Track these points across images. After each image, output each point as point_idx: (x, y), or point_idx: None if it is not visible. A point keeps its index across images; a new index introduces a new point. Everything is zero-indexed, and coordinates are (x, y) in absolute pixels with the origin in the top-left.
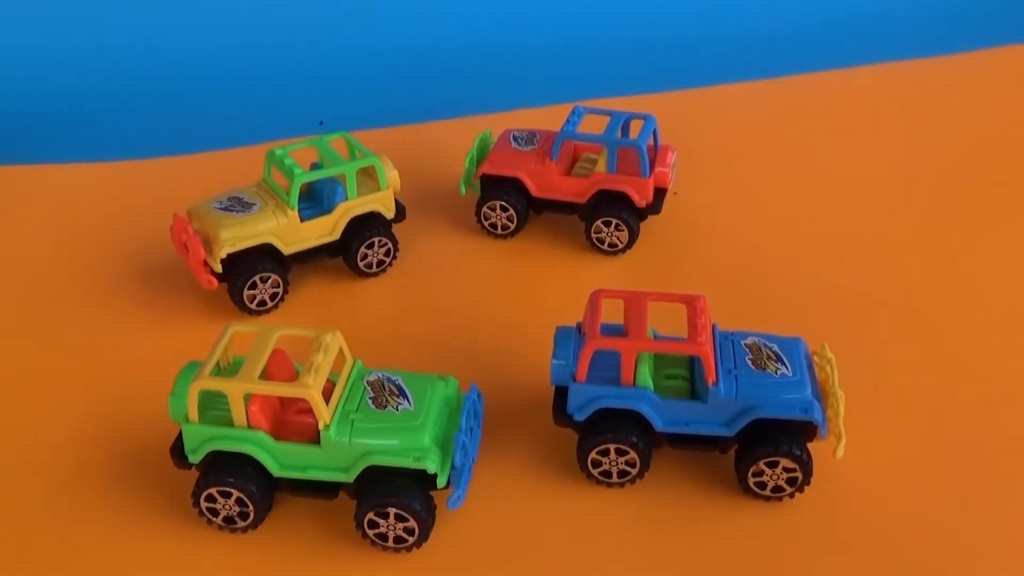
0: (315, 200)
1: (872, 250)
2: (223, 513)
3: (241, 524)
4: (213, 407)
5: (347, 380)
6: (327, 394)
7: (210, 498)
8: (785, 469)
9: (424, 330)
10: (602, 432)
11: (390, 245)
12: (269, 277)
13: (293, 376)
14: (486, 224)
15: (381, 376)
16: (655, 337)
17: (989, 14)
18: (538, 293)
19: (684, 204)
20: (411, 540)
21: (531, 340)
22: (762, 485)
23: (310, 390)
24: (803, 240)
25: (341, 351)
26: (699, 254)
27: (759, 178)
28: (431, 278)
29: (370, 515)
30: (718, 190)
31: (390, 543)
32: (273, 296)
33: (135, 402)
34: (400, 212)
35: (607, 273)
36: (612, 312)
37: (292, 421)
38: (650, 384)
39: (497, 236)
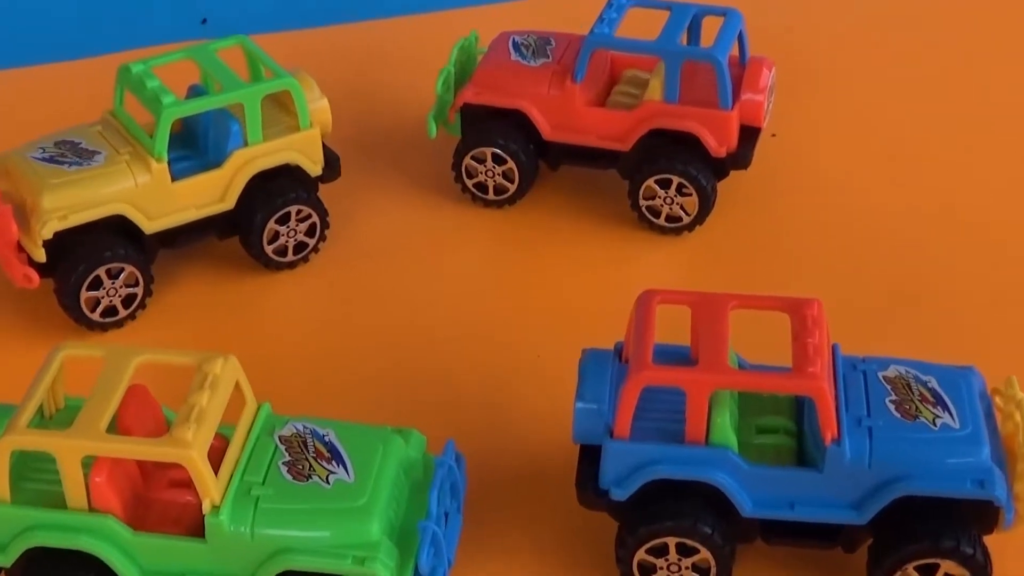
0: (195, 146)
1: None
2: None
3: None
4: (34, 477)
5: (248, 435)
6: (216, 457)
7: None
8: None
9: (372, 355)
10: (657, 518)
11: (315, 219)
12: (121, 270)
13: (162, 429)
14: (470, 184)
15: (303, 428)
16: (741, 367)
17: None
18: (552, 295)
19: (786, 153)
20: None
21: (541, 371)
22: None
23: (189, 451)
24: (969, 216)
25: (238, 388)
26: (809, 235)
27: (902, 113)
28: (382, 272)
29: None
30: (840, 131)
31: None
32: (128, 300)
33: None
34: (332, 166)
35: (663, 264)
36: (671, 326)
37: (160, 500)
38: (733, 441)
39: (488, 203)
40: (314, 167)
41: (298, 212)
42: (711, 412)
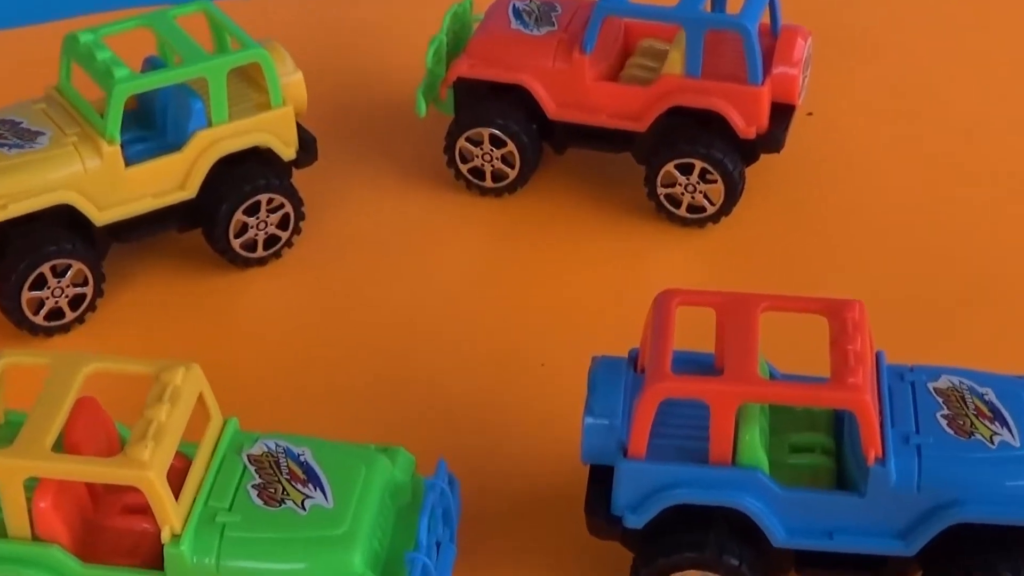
0: (152, 126)
1: None
2: None
3: None
4: None
5: (213, 455)
6: (177, 479)
7: None
8: None
9: (353, 363)
10: (677, 548)
11: (289, 209)
12: (68, 267)
13: (115, 447)
14: (465, 170)
15: (275, 447)
16: (772, 377)
17: None
18: (558, 296)
19: (824, 134)
20: None
21: (545, 382)
22: None
23: (145, 472)
24: None
25: (201, 401)
26: (850, 227)
27: (958, 89)
28: (364, 270)
29: None
30: (886, 110)
31: None
32: (76, 301)
33: None
34: (307, 149)
35: (684, 260)
36: (693, 330)
37: (113, 528)
38: (763, 461)
39: (485, 191)
40: (287, 150)
41: (269, 201)
42: (738, 428)
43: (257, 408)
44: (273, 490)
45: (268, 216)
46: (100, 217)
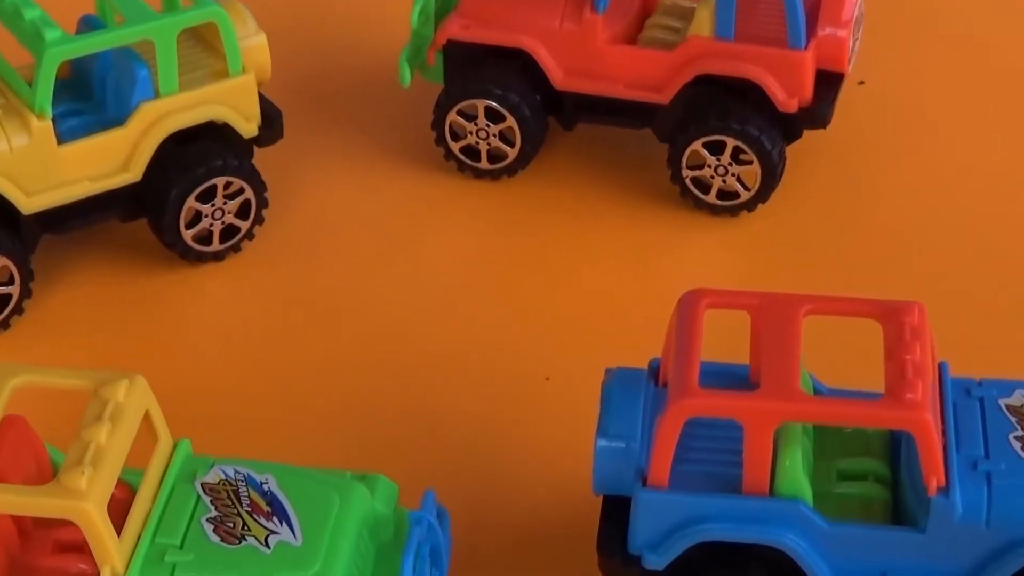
0: (89, 98)
1: None
2: None
3: None
4: None
5: (162, 483)
6: (119, 511)
7: None
8: None
9: (326, 377)
10: None
11: (250, 195)
12: None
13: (47, 474)
14: (456, 149)
15: (234, 474)
16: (817, 392)
17: None
18: (566, 297)
19: (878, 107)
20: None
21: (551, 398)
22: None
23: (82, 503)
24: None
25: (148, 420)
26: (908, 216)
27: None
28: (339, 266)
29: None
30: (949, 79)
31: None
32: (0, 302)
33: None
34: (271, 124)
35: (713, 255)
36: (724, 337)
37: (44, 569)
38: (807, 491)
39: (481, 174)
40: (247, 125)
41: (227, 186)
42: (777, 452)
43: (213, 428)
44: (232, 524)
45: (225, 203)
46: (28, 204)
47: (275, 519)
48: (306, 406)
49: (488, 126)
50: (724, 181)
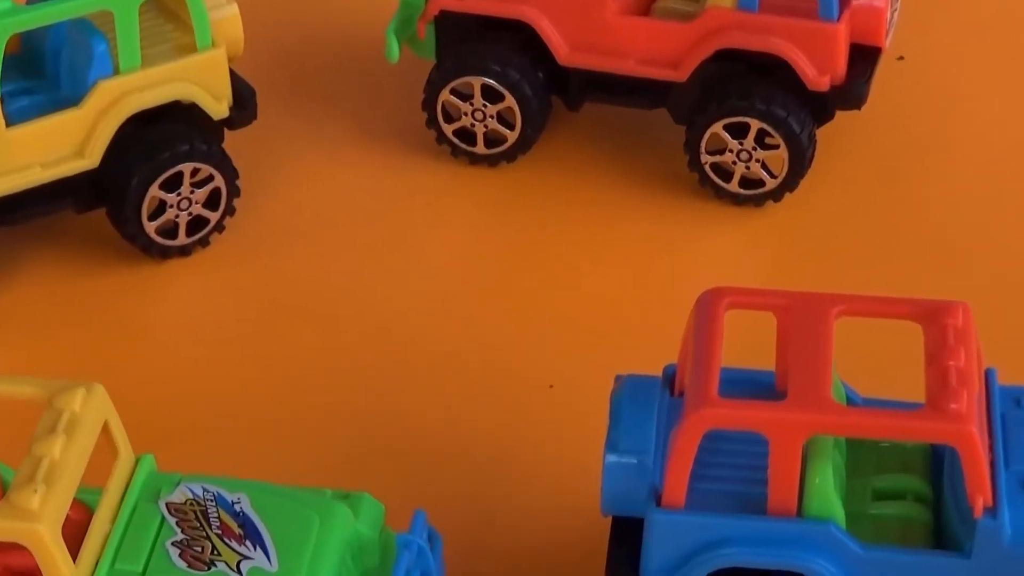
0: (42, 75)
1: None
2: None
3: None
4: None
5: (122, 502)
6: (75, 533)
7: None
8: None
9: (304, 384)
10: None
11: (220, 183)
12: None
13: None
14: (450, 133)
15: (202, 493)
16: (850, 402)
17: None
18: (572, 297)
19: (919, 85)
20: None
21: (554, 408)
22: None
23: (34, 525)
24: None
25: (107, 433)
26: (951, 207)
27: None
28: (317, 264)
29: None
30: (997, 55)
31: None
32: None
33: None
34: (244, 104)
35: (735, 249)
36: (747, 341)
37: None
38: (839, 512)
39: (477, 160)
40: (217, 105)
41: (194, 173)
42: (806, 469)
43: (179, 442)
44: (200, 549)
45: (193, 192)
46: None
47: (248, 543)
48: (283, 417)
49: (485, 106)
50: (747, 167)
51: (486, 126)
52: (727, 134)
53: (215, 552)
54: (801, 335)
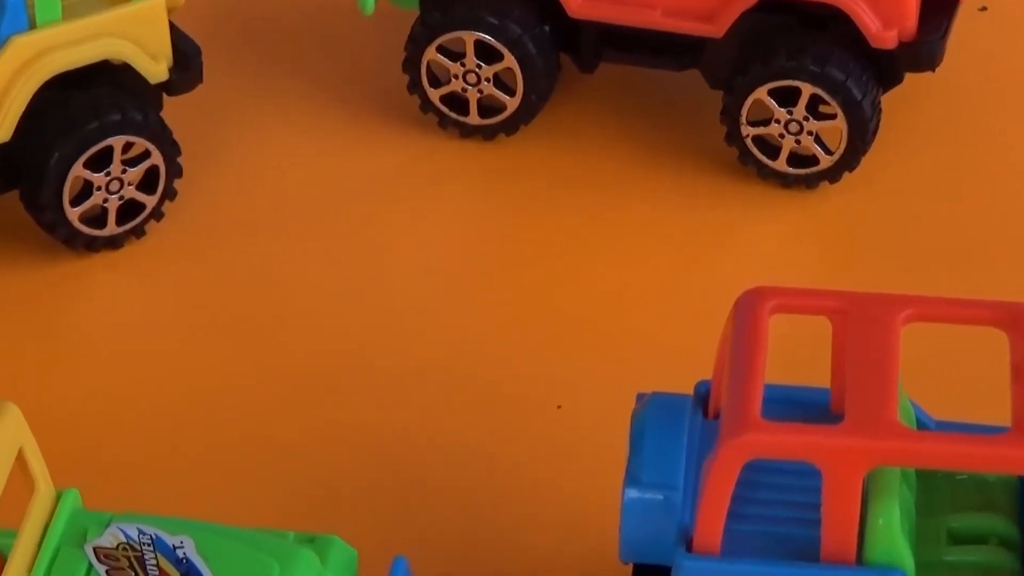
0: None
1: None
2: None
3: None
4: None
5: (42, 545)
6: None
7: None
8: None
9: (258, 405)
10: None
11: (158, 161)
12: None
13: None
14: (437, 99)
15: (138, 536)
16: (921, 426)
17: None
18: (583, 299)
19: (1005, 42)
20: None
21: (562, 432)
22: None
23: None
24: None
25: (22, 462)
26: None
27: None
28: (276, 258)
29: None
30: None
31: None
32: None
33: None
34: (187, 66)
35: (782, 240)
36: (796, 351)
37: None
38: (907, 558)
39: (469, 132)
40: (155, 66)
41: (126, 148)
42: (868, 507)
43: (109, 474)
44: None
45: (125, 171)
46: None
47: None
48: (235, 444)
49: (479, 67)
50: (798, 142)
51: (480, 91)
52: (773, 101)
53: None
54: (861, 344)
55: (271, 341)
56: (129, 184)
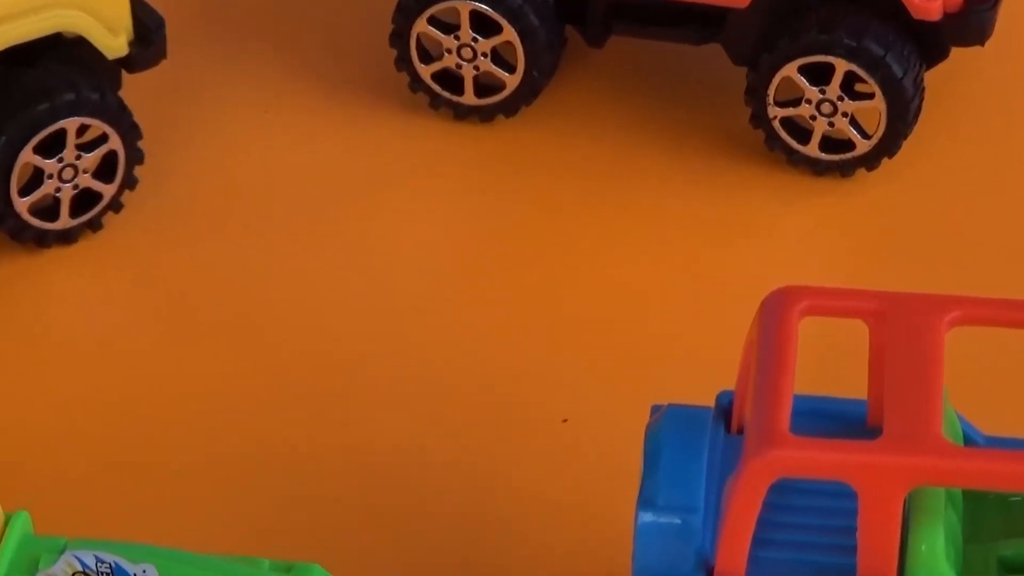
0: None
1: None
2: None
3: None
4: None
5: None
6: None
7: None
8: None
9: (230, 418)
10: None
11: (116, 146)
12: None
13: None
14: (428, 76)
15: (95, 564)
16: (969, 442)
17: None
18: (592, 298)
19: None
20: None
21: (569, 448)
22: None
23: None
24: None
25: None
26: None
27: None
28: (250, 254)
29: None
30: None
31: None
32: None
33: None
34: (148, 39)
35: (812, 234)
36: (828, 358)
37: None
38: None
39: (464, 114)
40: (113, 40)
41: (81, 131)
42: (909, 531)
43: (63, 494)
44: None
45: (79, 157)
46: None
47: None
48: (202, 462)
49: (475, 41)
50: (831, 124)
51: (477, 68)
52: (804, 79)
53: None
54: (901, 350)
55: (244, 347)
56: (84, 171)
